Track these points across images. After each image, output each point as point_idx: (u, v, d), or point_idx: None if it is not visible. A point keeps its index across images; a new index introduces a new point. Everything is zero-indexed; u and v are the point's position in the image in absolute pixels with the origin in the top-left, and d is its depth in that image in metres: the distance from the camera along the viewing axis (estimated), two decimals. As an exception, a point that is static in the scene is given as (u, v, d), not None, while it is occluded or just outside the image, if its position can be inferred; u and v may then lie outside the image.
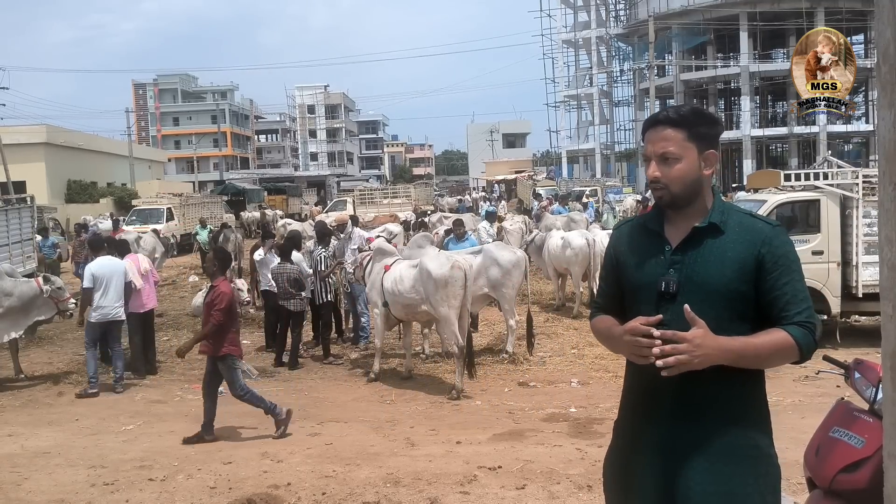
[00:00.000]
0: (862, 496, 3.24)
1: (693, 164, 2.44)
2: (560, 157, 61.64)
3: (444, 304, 8.73)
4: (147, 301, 10.33)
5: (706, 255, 2.38)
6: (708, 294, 2.34)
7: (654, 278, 2.41)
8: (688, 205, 2.46)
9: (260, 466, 6.44)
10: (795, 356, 2.34)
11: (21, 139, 41.78)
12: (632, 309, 2.48)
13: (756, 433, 2.39)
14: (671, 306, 2.35)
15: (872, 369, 3.60)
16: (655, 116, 2.52)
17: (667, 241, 2.46)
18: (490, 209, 22.56)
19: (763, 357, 2.33)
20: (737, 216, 2.45)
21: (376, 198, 38.36)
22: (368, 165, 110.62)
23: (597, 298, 2.75)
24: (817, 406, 6.83)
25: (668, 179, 2.43)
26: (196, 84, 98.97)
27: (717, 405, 2.35)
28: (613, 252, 2.63)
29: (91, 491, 6.02)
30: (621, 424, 2.58)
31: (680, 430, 2.36)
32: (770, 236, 2.37)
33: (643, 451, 2.43)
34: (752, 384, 2.41)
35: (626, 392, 2.58)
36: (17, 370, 10.22)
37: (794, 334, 2.30)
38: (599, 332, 2.64)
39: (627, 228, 2.66)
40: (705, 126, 2.47)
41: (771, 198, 10.93)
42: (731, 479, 2.31)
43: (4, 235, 14.96)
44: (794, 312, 2.32)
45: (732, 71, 47.57)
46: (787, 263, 2.36)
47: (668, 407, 2.38)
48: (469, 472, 6.07)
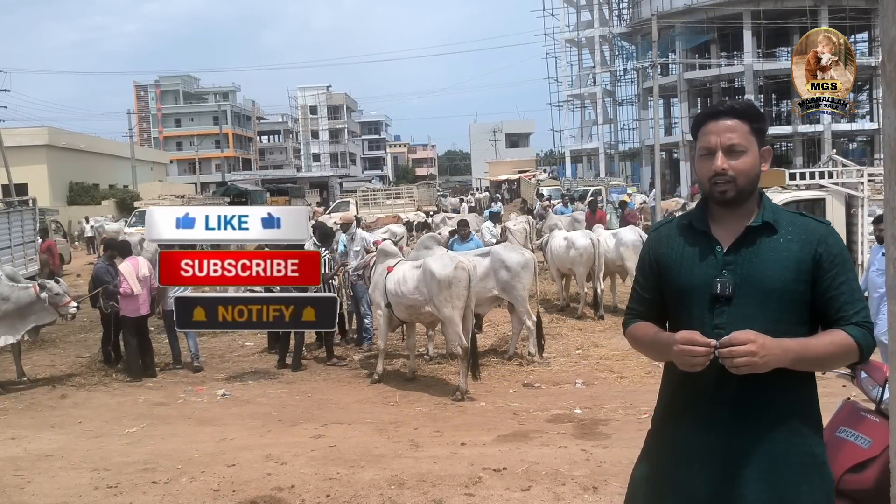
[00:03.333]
0: (868, 496, 3.23)
1: (756, 158, 2.37)
2: (563, 157, 61.61)
3: (448, 305, 8.71)
4: (142, 306, 10.26)
5: (762, 256, 2.30)
6: (766, 296, 2.27)
7: (708, 280, 2.31)
8: (744, 202, 2.37)
9: (263, 469, 6.43)
10: (856, 357, 2.28)
11: (23, 141, 41.84)
12: (680, 313, 2.40)
13: (812, 440, 2.31)
14: (727, 309, 2.28)
15: (879, 369, 3.58)
16: (716, 107, 2.42)
17: (717, 242, 2.36)
18: (494, 210, 22.54)
19: (824, 358, 2.27)
20: (787, 215, 2.40)
21: (379, 198, 38.37)
22: (371, 166, 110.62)
23: (633, 305, 2.61)
24: (823, 406, 6.72)
25: (735, 172, 2.32)
26: (198, 85, 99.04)
27: (775, 411, 2.27)
28: (654, 255, 2.51)
29: (94, 494, 6.01)
30: (662, 433, 2.47)
31: (736, 436, 2.28)
32: (825, 235, 2.32)
33: (693, 459, 2.32)
34: (808, 389, 2.34)
35: (670, 400, 2.46)
36: (20, 373, 10.21)
37: (853, 334, 2.24)
38: (639, 340, 2.53)
39: (668, 230, 2.52)
40: (762, 121, 2.41)
41: (776, 197, 10.89)
42: (787, 487, 2.24)
43: (6, 238, 14.98)
44: (853, 312, 2.27)
45: (736, 70, 47.47)
46: (842, 262, 2.30)
47: (724, 414, 2.28)
48: (474, 474, 6.05)
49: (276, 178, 62.60)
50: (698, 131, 2.43)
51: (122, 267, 10.22)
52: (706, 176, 2.38)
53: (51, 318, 9.86)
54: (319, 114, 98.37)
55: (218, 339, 12.57)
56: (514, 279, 10.02)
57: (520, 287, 10.11)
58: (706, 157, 2.38)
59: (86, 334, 13.13)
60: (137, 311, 10.21)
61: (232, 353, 11.75)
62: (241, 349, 12.00)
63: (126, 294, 10.07)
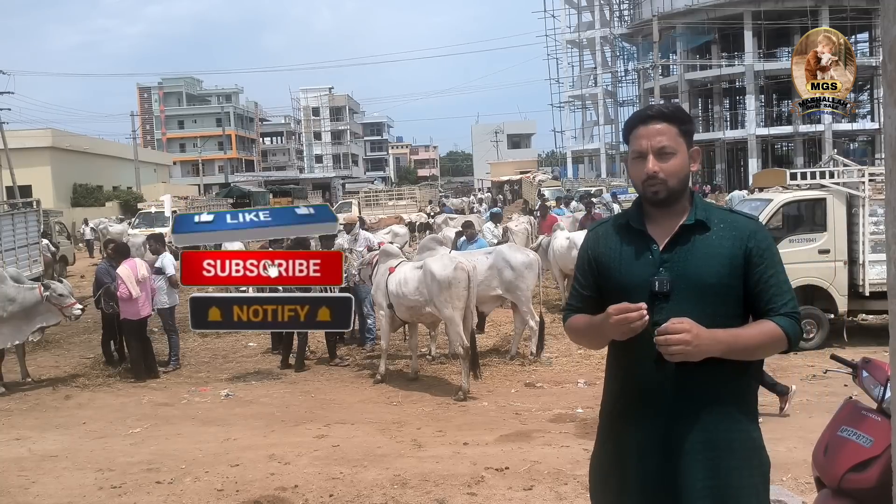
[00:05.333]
0: (871, 495, 3.23)
1: (685, 159, 2.46)
2: (565, 158, 61.61)
3: (449, 306, 8.73)
4: (142, 309, 10.19)
5: (696, 253, 2.39)
6: (702, 291, 2.35)
7: (645, 278, 2.39)
8: (676, 202, 2.45)
9: (267, 469, 6.45)
10: (784, 346, 2.38)
11: (27, 143, 41.99)
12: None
13: (750, 425, 2.41)
14: (665, 305, 2.35)
15: (880, 368, 3.59)
16: (645, 112, 2.50)
17: (653, 240, 2.44)
18: (495, 210, 22.52)
19: (754, 347, 2.36)
20: (717, 212, 2.49)
21: (381, 199, 38.39)
22: (373, 167, 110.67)
23: (571, 301, 2.67)
24: (825, 405, 6.80)
25: (666, 174, 2.41)
26: (201, 87, 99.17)
27: (713, 399, 2.35)
28: (592, 254, 2.58)
29: (99, 494, 6.04)
30: (609, 427, 2.55)
31: (677, 426, 2.36)
32: (755, 230, 2.43)
33: (638, 450, 2.41)
34: (744, 378, 2.42)
35: (614, 394, 2.54)
36: (24, 374, 10.23)
37: (782, 325, 2.35)
38: (576, 329, 2.60)
39: (605, 229, 2.60)
40: (689, 123, 2.51)
41: (777, 197, 10.89)
42: (730, 473, 2.33)
43: (11, 240, 15.03)
44: (781, 304, 2.37)
45: (737, 70, 47.51)
46: (771, 256, 2.41)
47: (664, 405, 2.36)
48: (476, 474, 6.07)
49: (278, 179, 62.75)
50: (629, 135, 2.52)
51: (120, 270, 10.04)
52: (639, 178, 2.47)
53: (56, 320, 9.88)
54: (322, 115, 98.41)
55: (222, 339, 12.59)
56: (517, 279, 10.03)
57: (523, 287, 10.12)
58: (638, 160, 2.46)
59: (89, 335, 13.15)
60: (138, 314, 10.15)
61: (235, 354, 11.77)
62: (245, 349, 12.02)
63: (124, 298, 10.01)
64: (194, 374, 10.57)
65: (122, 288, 9.96)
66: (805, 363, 9.43)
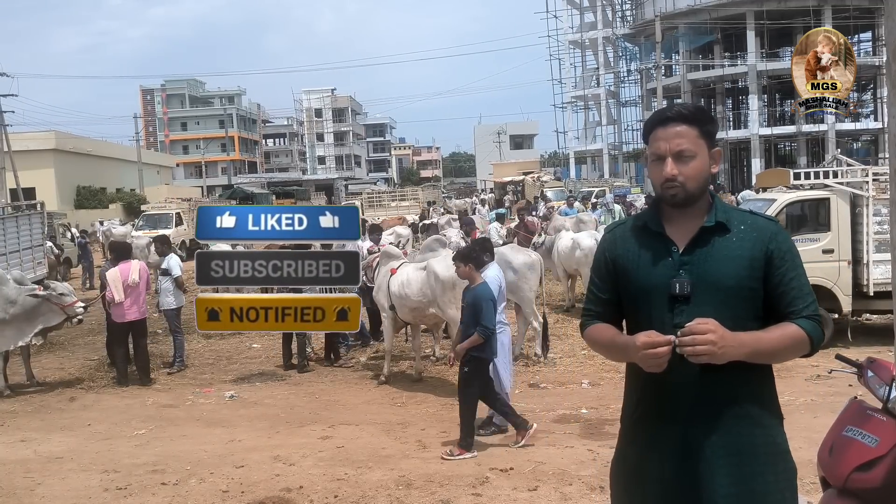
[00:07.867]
0: (876, 495, 3.23)
1: (706, 161, 2.43)
2: (567, 158, 61.55)
3: (453, 306, 8.72)
4: (127, 313, 10.00)
5: (717, 255, 2.36)
6: (722, 293, 2.33)
7: (665, 281, 2.36)
8: (695, 203, 2.43)
9: (272, 470, 6.46)
10: (807, 349, 2.36)
11: (30, 146, 42.08)
12: (639, 314, 2.44)
13: (774, 430, 2.39)
14: (686, 308, 2.32)
15: (885, 368, 3.59)
16: (664, 113, 2.47)
17: (672, 242, 2.41)
18: (500, 211, 22.53)
19: (777, 351, 2.34)
20: (738, 214, 2.47)
21: (384, 200, 38.41)
22: (376, 168, 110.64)
23: (589, 306, 2.63)
24: (830, 405, 6.80)
25: (685, 177, 2.38)
26: (203, 89, 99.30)
27: (736, 403, 2.33)
28: (609, 256, 2.54)
29: (104, 496, 6.05)
30: (632, 429, 2.52)
31: (700, 430, 2.33)
32: (775, 232, 2.40)
33: (661, 453, 2.38)
34: (767, 381, 2.41)
35: (635, 397, 2.51)
36: (29, 376, 10.25)
37: (804, 327, 2.33)
38: (597, 342, 2.56)
39: (622, 231, 2.56)
40: (711, 124, 2.47)
41: (780, 197, 10.89)
42: (754, 478, 2.31)
43: (15, 242, 15.05)
44: (803, 306, 2.35)
45: (740, 70, 47.38)
46: (792, 258, 2.39)
47: (687, 408, 2.34)
48: (481, 474, 6.08)
49: (281, 180, 62.73)
50: (649, 137, 2.49)
51: (109, 273, 10.02)
52: (658, 180, 2.45)
53: (58, 320, 9.84)
54: (324, 116, 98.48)
55: (226, 340, 12.61)
56: (520, 280, 10.04)
57: (525, 288, 10.12)
58: (657, 163, 2.44)
59: (94, 337, 13.18)
60: (123, 317, 9.99)
61: (239, 355, 11.78)
62: (249, 351, 12.04)
63: (109, 300, 10.00)
64: (199, 375, 10.58)
65: (107, 290, 10.00)
66: (810, 363, 9.39)
